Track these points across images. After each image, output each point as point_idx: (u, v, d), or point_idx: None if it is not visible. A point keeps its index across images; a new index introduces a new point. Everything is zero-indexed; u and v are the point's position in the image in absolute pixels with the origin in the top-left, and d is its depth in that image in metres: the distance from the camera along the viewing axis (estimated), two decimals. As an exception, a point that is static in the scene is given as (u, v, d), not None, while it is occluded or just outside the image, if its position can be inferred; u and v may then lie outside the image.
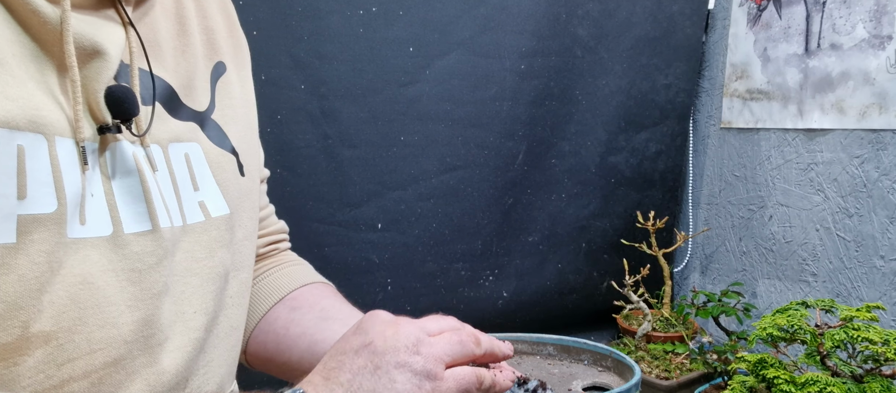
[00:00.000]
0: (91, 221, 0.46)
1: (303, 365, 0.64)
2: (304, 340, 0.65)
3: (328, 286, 0.74)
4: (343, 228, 1.17)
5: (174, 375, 0.52)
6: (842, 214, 1.26)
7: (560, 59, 1.32)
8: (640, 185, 1.49)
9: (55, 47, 0.45)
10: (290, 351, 0.66)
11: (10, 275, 0.41)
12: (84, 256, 0.46)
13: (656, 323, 1.37)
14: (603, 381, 1.05)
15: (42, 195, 0.43)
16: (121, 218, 0.48)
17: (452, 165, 1.25)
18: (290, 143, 1.09)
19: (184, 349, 0.53)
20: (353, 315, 0.68)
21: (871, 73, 1.19)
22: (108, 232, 0.47)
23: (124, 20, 0.50)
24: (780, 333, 0.92)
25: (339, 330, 0.60)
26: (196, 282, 0.55)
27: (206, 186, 0.57)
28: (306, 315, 0.67)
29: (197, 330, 0.55)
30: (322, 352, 0.59)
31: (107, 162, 0.48)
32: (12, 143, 0.41)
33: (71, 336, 0.45)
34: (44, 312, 0.43)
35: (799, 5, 1.32)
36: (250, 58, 0.71)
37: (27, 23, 0.44)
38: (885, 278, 1.20)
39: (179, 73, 0.56)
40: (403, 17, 1.15)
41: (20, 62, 0.44)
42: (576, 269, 1.45)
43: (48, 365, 0.44)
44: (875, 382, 0.84)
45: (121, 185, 0.49)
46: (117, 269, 0.48)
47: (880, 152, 1.19)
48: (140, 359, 0.49)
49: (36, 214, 0.42)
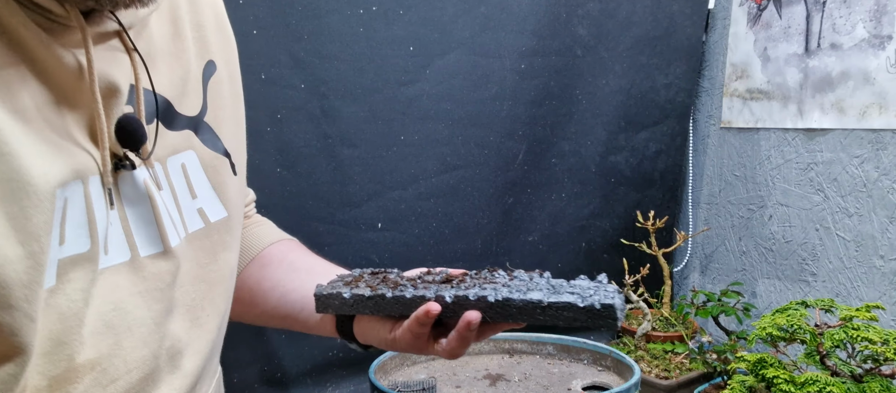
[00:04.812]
0: (112, 250, 0.48)
1: (278, 312, 0.71)
2: (276, 292, 0.70)
3: (292, 241, 0.78)
4: (343, 227, 1.17)
5: (194, 377, 0.56)
6: (842, 213, 1.26)
7: (560, 58, 1.32)
8: (640, 184, 1.49)
9: (74, 90, 0.45)
10: (265, 302, 0.71)
11: (52, 314, 0.43)
12: (112, 283, 0.48)
13: (656, 323, 1.37)
14: (602, 380, 1.05)
15: (77, 237, 0.45)
16: (136, 243, 0.50)
17: (452, 165, 1.25)
18: (290, 143, 1.09)
19: (201, 352, 0.57)
20: (317, 264, 0.73)
21: (871, 72, 1.19)
22: (127, 257, 0.50)
23: (128, 47, 0.50)
24: (779, 332, 0.92)
25: (306, 278, 0.69)
26: (204, 287, 0.58)
27: (203, 193, 0.58)
28: (276, 271, 0.72)
29: (211, 332, 0.59)
30: (293, 300, 0.69)
31: (120, 191, 0.50)
32: (62, 199, 0.43)
33: (111, 360, 0.48)
34: (86, 343, 0.46)
35: (799, 5, 1.32)
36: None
37: (44, 69, 0.44)
38: (884, 278, 1.20)
39: (174, 81, 0.56)
40: (403, 16, 1.15)
41: (48, 113, 0.44)
42: (576, 268, 1.45)
43: (95, 388, 0.47)
44: (874, 381, 0.84)
45: (134, 211, 0.50)
46: (141, 290, 0.50)
47: (880, 152, 1.19)
48: (165, 368, 0.53)
49: (72, 255, 0.45)
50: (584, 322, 0.53)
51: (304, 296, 0.68)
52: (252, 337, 1.11)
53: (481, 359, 1.14)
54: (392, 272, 0.66)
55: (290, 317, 0.70)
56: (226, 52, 0.64)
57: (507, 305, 0.55)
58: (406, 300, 0.58)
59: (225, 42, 0.64)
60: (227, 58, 0.64)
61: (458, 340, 0.56)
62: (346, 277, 0.66)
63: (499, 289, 0.56)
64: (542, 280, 0.59)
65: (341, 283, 0.65)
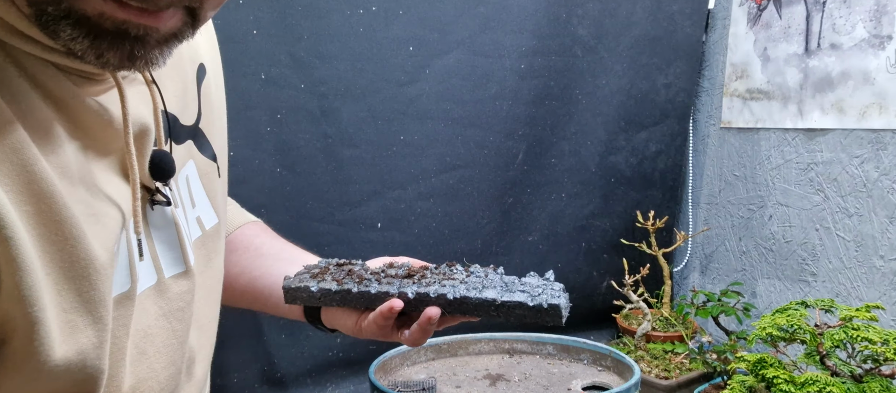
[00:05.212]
0: (141, 277, 0.50)
1: (245, 297, 0.74)
2: (243, 278, 0.74)
3: (257, 223, 0.81)
4: (343, 227, 1.17)
5: (203, 381, 0.60)
6: (842, 213, 1.26)
7: (560, 58, 1.32)
8: (640, 184, 1.49)
9: (105, 136, 0.45)
10: (233, 287, 0.74)
11: (104, 350, 0.45)
12: (142, 309, 0.50)
13: (656, 323, 1.37)
14: (602, 380, 1.05)
15: (122, 277, 0.47)
16: (162, 265, 0.52)
17: (452, 165, 1.25)
18: (290, 143, 1.09)
19: (207, 357, 0.61)
20: (283, 249, 0.77)
21: (871, 72, 1.19)
22: (154, 281, 0.51)
23: (148, 80, 0.50)
24: (779, 332, 0.92)
25: (272, 265, 0.72)
26: (203, 293, 0.59)
27: (199, 201, 0.59)
28: (242, 256, 0.75)
29: (212, 336, 0.62)
30: (260, 286, 0.72)
31: (149, 220, 0.51)
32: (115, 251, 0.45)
33: (147, 382, 0.50)
34: (127, 371, 0.48)
35: (799, 5, 1.32)
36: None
37: (77, 120, 0.43)
38: (884, 278, 1.20)
39: (177, 94, 0.56)
40: (403, 16, 1.15)
41: (87, 166, 0.44)
42: (575, 268, 1.45)
43: None
44: (874, 381, 0.84)
45: (160, 235, 0.52)
46: (166, 312, 0.52)
47: (880, 152, 1.19)
48: (183, 378, 0.56)
49: (118, 295, 0.46)
50: (534, 319, 0.59)
51: (271, 283, 0.71)
52: (252, 337, 1.11)
53: (481, 359, 1.14)
54: (357, 264, 0.71)
55: (259, 301, 0.73)
56: (212, 50, 0.65)
57: (464, 302, 0.61)
58: (371, 295, 0.62)
59: (210, 39, 0.65)
60: (213, 56, 0.65)
61: (420, 332, 0.61)
62: (312, 269, 0.69)
63: (457, 286, 0.61)
64: (496, 277, 0.65)
65: (308, 275, 0.67)
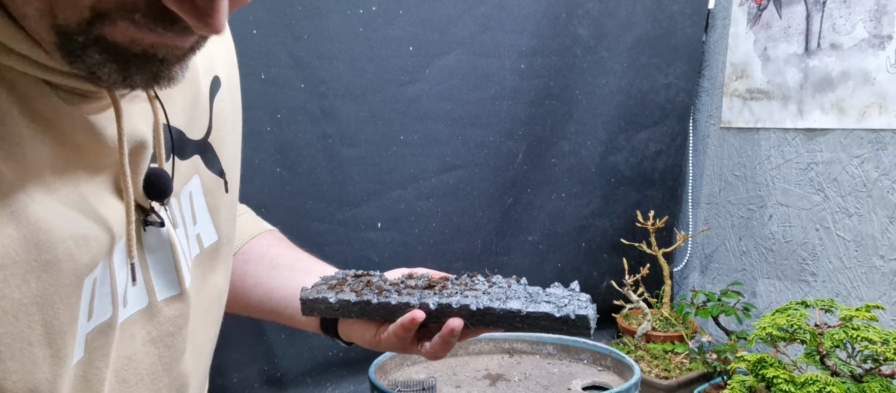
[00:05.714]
0: (131, 300, 0.48)
1: (262, 307, 0.72)
2: (259, 289, 0.71)
3: (273, 233, 0.78)
4: (343, 227, 1.17)
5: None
6: (842, 213, 1.26)
7: (560, 58, 1.32)
8: (640, 184, 1.49)
9: (97, 152, 0.43)
10: (248, 298, 0.72)
11: (81, 385, 0.43)
12: (129, 335, 0.48)
13: (656, 322, 1.37)
14: (602, 380, 1.05)
15: (102, 306, 0.44)
16: (154, 288, 0.50)
17: (452, 165, 1.25)
18: (289, 143, 1.09)
19: (200, 379, 0.58)
20: (299, 259, 0.74)
21: (871, 72, 1.19)
22: (144, 304, 0.49)
23: (151, 96, 0.47)
24: (779, 332, 0.92)
25: (288, 276, 0.70)
26: (199, 313, 0.56)
27: (201, 218, 0.57)
28: (258, 267, 0.73)
29: (206, 357, 0.59)
30: (277, 298, 0.70)
31: (143, 242, 0.49)
32: (91, 281, 0.43)
33: None
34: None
35: (799, 5, 1.32)
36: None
37: (64, 136, 0.41)
38: (884, 278, 1.20)
39: (185, 108, 0.53)
40: (403, 16, 1.15)
41: (72, 182, 0.41)
42: (575, 268, 1.45)
43: None
44: (874, 381, 0.84)
45: (154, 258, 0.50)
46: (154, 337, 0.50)
47: (880, 152, 1.19)
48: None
49: (98, 324, 0.44)
50: (560, 330, 0.57)
51: (288, 294, 0.69)
52: (252, 337, 1.11)
53: (481, 359, 1.14)
54: (375, 275, 0.68)
55: (275, 312, 0.71)
56: (229, 63, 0.62)
57: (488, 313, 0.58)
58: (391, 306, 0.60)
59: (228, 52, 0.62)
60: (230, 71, 0.62)
61: (441, 345, 0.58)
62: (329, 280, 0.67)
63: (480, 297, 0.59)
64: (519, 287, 0.62)
65: (326, 286, 0.65)
